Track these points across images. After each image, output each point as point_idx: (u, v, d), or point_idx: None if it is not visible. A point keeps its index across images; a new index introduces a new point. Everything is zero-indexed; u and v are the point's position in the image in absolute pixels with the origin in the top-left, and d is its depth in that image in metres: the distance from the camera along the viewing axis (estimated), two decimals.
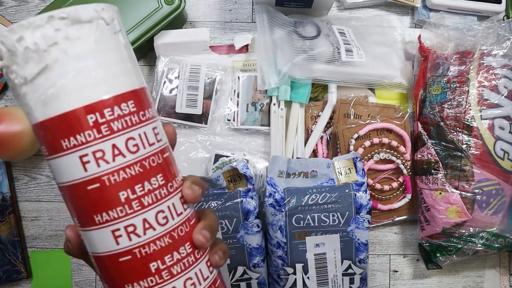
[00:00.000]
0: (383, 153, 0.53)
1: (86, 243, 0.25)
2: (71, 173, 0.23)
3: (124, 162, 0.23)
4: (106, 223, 0.23)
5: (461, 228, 0.49)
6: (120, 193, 0.23)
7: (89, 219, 0.24)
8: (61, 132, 0.22)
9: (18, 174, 0.56)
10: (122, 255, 0.24)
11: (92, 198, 0.23)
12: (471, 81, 0.48)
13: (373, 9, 0.58)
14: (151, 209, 0.24)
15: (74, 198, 0.24)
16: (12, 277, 0.54)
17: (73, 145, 0.22)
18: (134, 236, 0.23)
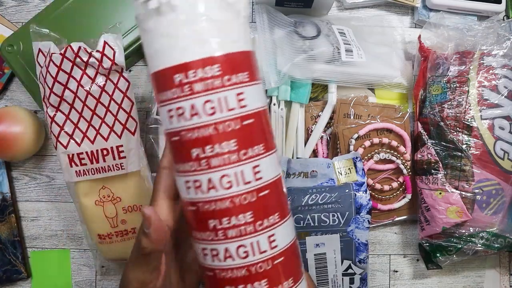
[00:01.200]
0: (383, 153, 0.53)
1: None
2: (163, 122, 0.27)
3: (200, 121, 0.25)
4: (180, 173, 0.26)
5: (461, 228, 0.49)
6: (192, 150, 0.25)
7: (175, 166, 0.27)
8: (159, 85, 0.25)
9: (18, 174, 0.56)
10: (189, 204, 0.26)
11: (173, 149, 0.26)
12: (471, 81, 0.48)
13: (373, 9, 0.58)
14: (217, 171, 0.25)
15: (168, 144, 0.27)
16: (12, 277, 0.54)
17: (163, 99, 0.25)
18: (199, 191, 0.25)
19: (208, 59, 0.24)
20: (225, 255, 0.26)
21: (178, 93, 0.25)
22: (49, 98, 0.45)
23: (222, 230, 0.25)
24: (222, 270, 0.26)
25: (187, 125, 0.25)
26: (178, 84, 0.24)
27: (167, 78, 0.25)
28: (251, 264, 0.26)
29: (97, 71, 0.45)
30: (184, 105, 0.25)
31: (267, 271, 0.26)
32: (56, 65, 0.44)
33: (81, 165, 0.46)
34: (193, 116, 0.24)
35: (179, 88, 0.24)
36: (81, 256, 0.56)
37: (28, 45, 0.49)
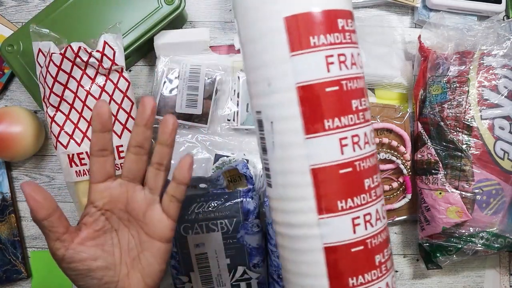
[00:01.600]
0: (383, 153, 0.53)
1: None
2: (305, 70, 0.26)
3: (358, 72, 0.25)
4: (334, 130, 0.25)
5: (461, 228, 0.49)
6: (353, 101, 0.24)
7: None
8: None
9: (18, 174, 0.56)
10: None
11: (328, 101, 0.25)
12: (471, 81, 0.48)
13: (373, 9, 0.58)
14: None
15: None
16: (12, 277, 0.54)
17: (318, 44, 0.25)
18: (357, 147, 0.25)
19: (350, 13, 0.25)
20: (376, 216, 0.24)
21: (341, 38, 0.24)
22: (49, 98, 0.45)
23: (373, 190, 0.25)
24: (374, 236, 0.25)
25: (348, 74, 0.24)
26: (341, 29, 0.24)
27: (331, 20, 0.24)
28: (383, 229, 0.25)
29: (97, 71, 0.45)
30: (345, 52, 0.24)
31: (386, 238, 0.26)
32: (56, 65, 0.44)
33: (81, 165, 0.46)
34: (353, 66, 0.24)
35: (342, 33, 0.24)
36: None
37: (28, 45, 0.49)
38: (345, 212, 0.24)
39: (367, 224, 0.23)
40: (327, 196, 0.24)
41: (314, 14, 0.23)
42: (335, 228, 0.24)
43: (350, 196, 0.24)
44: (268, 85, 0.24)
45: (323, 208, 0.24)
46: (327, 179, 0.24)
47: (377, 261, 0.24)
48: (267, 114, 0.25)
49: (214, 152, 0.52)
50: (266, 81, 0.25)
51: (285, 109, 0.24)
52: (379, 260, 0.24)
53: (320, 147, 0.24)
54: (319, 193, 0.24)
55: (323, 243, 0.24)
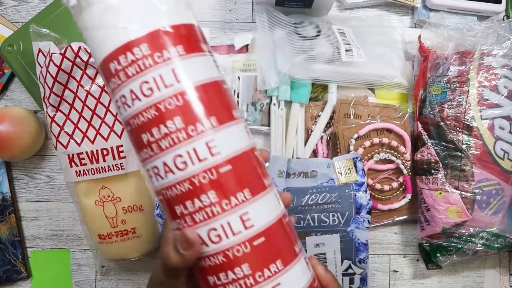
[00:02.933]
0: (383, 153, 0.53)
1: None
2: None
3: (141, 106, 0.24)
4: (142, 163, 0.26)
5: (461, 228, 0.49)
6: (142, 135, 0.24)
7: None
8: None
9: (18, 174, 0.56)
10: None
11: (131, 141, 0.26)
12: (471, 81, 0.48)
13: (373, 9, 0.58)
14: (168, 153, 0.24)
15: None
16: (12, 277, 0.54)
17: (110, 91, 0.25)
18: (159, 178, 0.25)
19: (132, 42, 0.23)
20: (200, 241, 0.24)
21: (116, 81, 0.24)
22: (49, 98, 0.45)
23: (189, 215, 0.24)
24: (200, 259, 0.25)
25: (132, 112, 0.24)
26: (114, 72, 0.24)
27: (106, 69, 0.24)
28: (226, 249, 0.24)
29: (97, 71, 0.45)
30: (124, 93, 0.24)
31: (246, 254, 0.24)
32: (56, 65, 0.44)
33: (81, 165, 0.46)
34: (134, 101, 0.24)
35: (116, 76, 0.24)
36: (81, 256, 0.56)
37: (28, 45, 0.49)
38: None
39: (157, 176, 0.25)
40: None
41: (99, 66, 0.25)
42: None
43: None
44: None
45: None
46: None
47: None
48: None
49: None
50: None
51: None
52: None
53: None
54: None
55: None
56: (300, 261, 0.26)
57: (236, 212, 0.24)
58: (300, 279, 0.26)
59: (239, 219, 0.24)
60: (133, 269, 0.56)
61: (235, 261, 0.24)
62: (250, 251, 0.24)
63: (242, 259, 0.24)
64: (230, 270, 0.24)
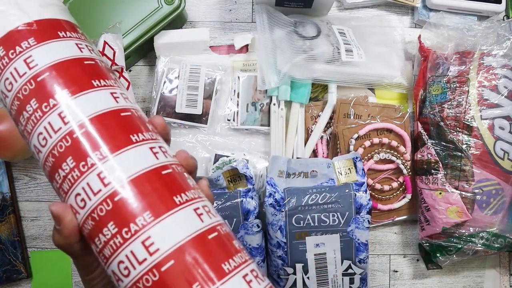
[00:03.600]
0: (383, 153, 0.53)
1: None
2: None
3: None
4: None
5: (461, 228, 0.49)
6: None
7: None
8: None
9: (18, 174, 0.56)
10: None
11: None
12: (471, 81, 0.48)
13: (373, 9, 0.58)
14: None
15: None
16: (12, 277, 0.54)
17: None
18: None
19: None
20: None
21: None
22: None
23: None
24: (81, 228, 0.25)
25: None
26: None
27: None
28: (92, 211, 0.23)
29: None
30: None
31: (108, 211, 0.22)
32: None
33: None
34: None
35: None
36: None
37: None
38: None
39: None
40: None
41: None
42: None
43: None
44: None
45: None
46: None
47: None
48: None
49: (214, 152, 0.52)
50: None
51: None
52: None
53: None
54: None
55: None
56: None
57: (137, 239, 0.22)
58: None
59: (142, 245, 0.22)
60: None
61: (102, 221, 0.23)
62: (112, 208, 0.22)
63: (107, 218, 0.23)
64: (100, 233, 0.23)
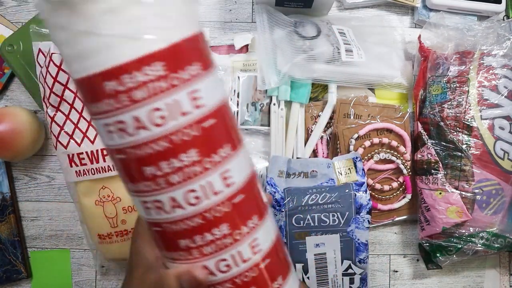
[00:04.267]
0: (383, 153, 0.53)
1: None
2: (100, 136, 0.23)
3: (148, 136, 0.20)
4: (134, 192, 0.23)
5: (461, 228, 0.49)
6: (145, 168, 0.21)
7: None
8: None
9: (18, 174, 0.56)
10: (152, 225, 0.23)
11: (120, 167, 0.22)
12: (471, 81, 0.48)
13: (373, 9, 0.58)
14: (179, 188, 0.21)
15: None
16: (12, 277, 0.54)
17: (96, 112, 0.21)
18: (163, 212, 0.22)
19: (145, 57, 0.19)
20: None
21: (113, 104, 0.19)
22: (49, 98, 0.45)
23: (196, 249, 0.22)
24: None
25: (133, 142, 0.20)
26: (112, 93, 0.19)
27: (96, 86, 0.19)
28: (235, 277, 0.23)
29: None
30: (124, 118, 0.20)
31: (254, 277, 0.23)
32: (56, 65, 0.44)
33: (81, 165, 0.46)
34: (139, 130, 0.20)
35: (114, 98, 0.19)
36: (81, 256, 0.56)
37: (28, 45, 0.49)
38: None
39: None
40: None
41: (81, 80, 0.20)
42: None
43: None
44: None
45: None
46: None
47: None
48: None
49: None
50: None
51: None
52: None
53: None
54: None
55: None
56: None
57: (249, 237, 0.23)
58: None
59: (249, 246, 0.23)
60: None
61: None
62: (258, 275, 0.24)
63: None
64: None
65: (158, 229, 0.23)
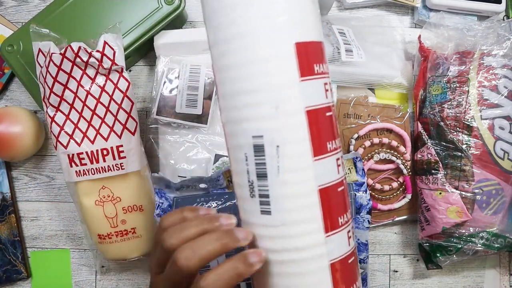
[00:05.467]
0: (383, 153, 0.53)
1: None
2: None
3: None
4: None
5: (461, 228, 0.49)
6: (326, 113, 0.26)
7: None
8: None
9: (18, 174, 0.56)
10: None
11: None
12: (471, 81, 0.48)
13: (373, 9, 0.58)
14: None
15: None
16: (12, 277, 0.54)
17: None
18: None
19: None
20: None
21: (326, 68, 0.26)
22: (49, 98, 0.45)
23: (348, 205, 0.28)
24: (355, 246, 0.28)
25: (332, 102, 0.27)
26: (325, 60, 0.27)
27: (322, 51, 0.26)
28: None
29: (97, 71, 0.45)
30: (328, 81, 0.26)
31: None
32: (56, 65, 0.44)
33: (81, 165, 0.46)
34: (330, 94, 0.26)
35: (326, 64, 0.26)
36: (81, 256, 0.56)
37: (28, 45, 0.49)
38: (343, 227, 0.26)
39: (352, 236, 0.26)
40: (331, 213, 0.25)
41: (318, 44, 0.25)
42: (337, 244, 0.25)
43: (345, 211, 0.26)
44: (276, 108, 0.25)
45: (329, 226, 0.25)
46: (330, 197, 0.26)
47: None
48: (273, 138, 0.25)
49: (214, 152, 0.52)
50: (272, 104, 0.25)
51: (294, 133, 0.25)
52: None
53: (325, 168, 0.25)
54: (325, 212, 0.25)
55: (329, 260, 0.25)
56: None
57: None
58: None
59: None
60: (133, 269, 0.56)
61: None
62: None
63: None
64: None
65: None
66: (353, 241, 0.27)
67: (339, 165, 0.26)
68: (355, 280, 0.26)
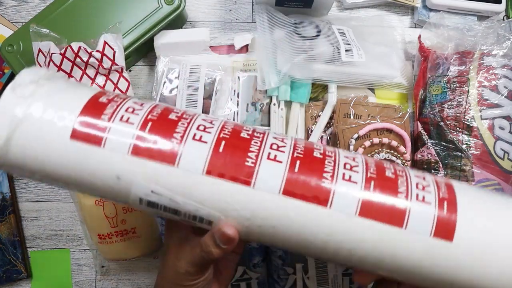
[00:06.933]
0: (383, 153, 0.53)
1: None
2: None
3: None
4: None
5: None
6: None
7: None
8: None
9: None
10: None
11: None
12: (471, 81, 0.48)
13: (373, 9, 0.58)
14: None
15: None
16: (12, 277, 0.54)
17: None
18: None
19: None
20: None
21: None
22: None
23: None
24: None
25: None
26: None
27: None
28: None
29: (97, 71, 0.45)
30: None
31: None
32: (56, 65, 0.44)
33: None
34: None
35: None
36: (81, 256, 0.56)
37: (28, 45, 0.49)
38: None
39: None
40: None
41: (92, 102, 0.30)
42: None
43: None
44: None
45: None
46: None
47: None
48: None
49: None
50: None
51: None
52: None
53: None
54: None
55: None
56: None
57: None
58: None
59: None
60: (133, 269, 0.56)
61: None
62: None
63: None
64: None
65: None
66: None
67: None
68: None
